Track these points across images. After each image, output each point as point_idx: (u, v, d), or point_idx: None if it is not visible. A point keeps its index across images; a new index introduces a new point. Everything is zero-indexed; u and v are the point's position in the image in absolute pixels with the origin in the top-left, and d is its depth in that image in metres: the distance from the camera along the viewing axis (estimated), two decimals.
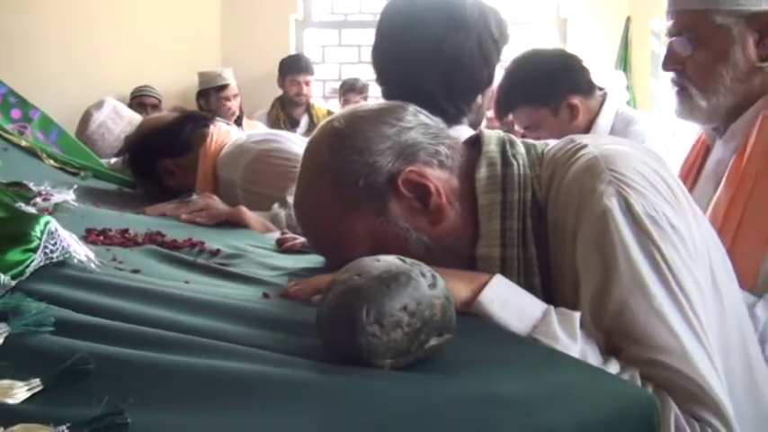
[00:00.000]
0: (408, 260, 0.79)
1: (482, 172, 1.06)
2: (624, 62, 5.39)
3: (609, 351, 0.92)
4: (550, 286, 1.02)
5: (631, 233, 0.92)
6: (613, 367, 0.88)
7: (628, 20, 5.42)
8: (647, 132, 2.18)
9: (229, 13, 5.40)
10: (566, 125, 2.21)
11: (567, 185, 0.99)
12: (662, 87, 4.79)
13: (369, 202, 1.02)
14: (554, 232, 1.01)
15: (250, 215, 1.79)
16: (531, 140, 1.13)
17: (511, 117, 2.32)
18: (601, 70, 5.20)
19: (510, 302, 0.94)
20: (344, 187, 1.03)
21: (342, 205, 1.03)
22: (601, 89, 2.35)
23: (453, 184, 1.06)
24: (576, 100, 2.23)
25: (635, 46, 5.41)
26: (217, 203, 2.01)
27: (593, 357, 0.89)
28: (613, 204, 0.93)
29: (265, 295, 1.04)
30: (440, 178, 1.05)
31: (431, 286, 0.75)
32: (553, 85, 2.21)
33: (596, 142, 1.03)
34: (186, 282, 1.12)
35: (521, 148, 1.09)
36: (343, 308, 0.72)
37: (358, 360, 0.71)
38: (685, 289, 0.92)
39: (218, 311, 0.87)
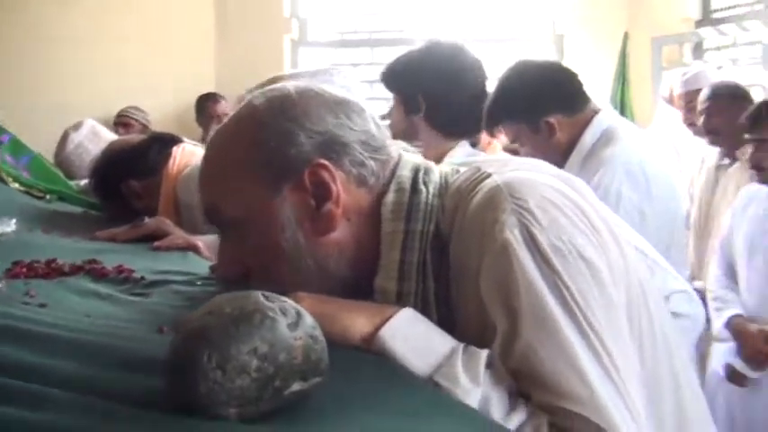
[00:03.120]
0: (273, 296, 0.71)
1: (390, 197, 0.98)
2: (622, 77, 5.30)
3: (524, 394, 0.84)
4: (450, 323, 0.93)
5: (536, 268, 0.85)
6: (518, 415, 0.80)
7: (625, 35, 5.34)
8: (610, 159, 1.98)
9: (224, 35, 5.37)
10: (546, 142, 2.10)
11: (469, 218, 0.92)
12: (661, 103, 4.71)
13: (269, 169, 0.95)
14: (457, 267, 0.93)
15: (170, 225, 1.87)
16: (446, 168, 1.04)
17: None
18: (599, 86, 5.15)
19: (413, 339, 0.86)
20: (257, 143, 0.96)
21: (244, 156, 0.96)
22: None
23: (363, 204, 0.98)
24: (553, 118, 2.09)
25: (633, 61, 5.32)
26: (169, 227, 1.96)
27: (497, 403, 0.81)
28: (516, 236, 0.86)
29: (160, 329, 0.98)
30: (349, 191, 0.96)
31: (291, 326, 0.68)
32: (532, 102, 2.09)
33: (502, 169, 0.96)
34: (87, 316, 1.07)
35: (435, 176, 1.00)
36: (185, 351, 0.65)
37: (200, 408, 0.64)
38: (597, 327, 0.83)
39: (79, 352, 0.81)
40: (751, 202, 2.58)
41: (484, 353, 0.84)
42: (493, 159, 1.05)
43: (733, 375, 2.51)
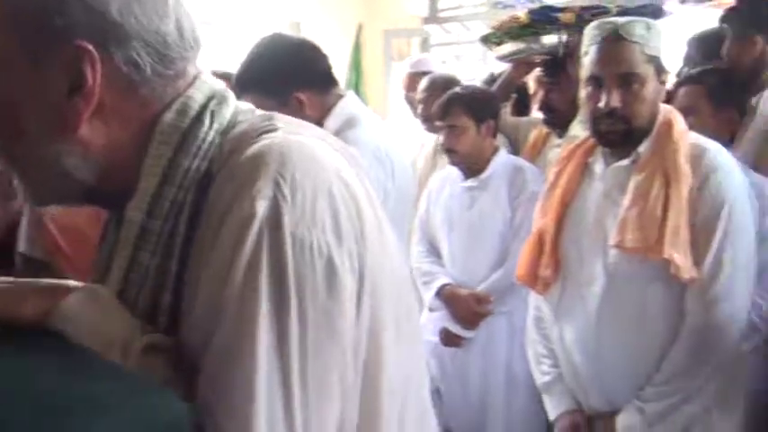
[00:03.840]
0: None
1: (167, 117, 0.85)
2: (356, 67, 5.55)
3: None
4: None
5: (267, 253, 0.76)
6: None
7: (359, 26, 5.59)
8: (355, 142, 1.97)
9: None
10: (295, 117, 2.07)
11: (237, 166, 0.81)
12: (395, 93, 4.98)
13: (29, 30, 0.81)
14: (207, 215, 0.82)
15: None
16: (244, 106, 0.94)
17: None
18: (335, 74, 5.34)
19: (81, 323, 0.81)
20: None
21: (10, 7, 0.81)
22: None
23: (133, 114, 0.85)
24: (303, 95, 2.03)
25: (367, 51, 5.59)
26: None
27: None
28: (263, 209, 0.76)
29: None
30: (115, 93, 0.83)
31: None
32: (279, 77, 2.01)
33: (292, 130, 0.87)
34: None
35: (226, 111, 0.89)
36: None
37: None
38: (303, 351, 0.76)
39: None
40: (445, 183, 2.82)
41: (144, 340, 0.79)
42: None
43: (448, 338, 2.71)
